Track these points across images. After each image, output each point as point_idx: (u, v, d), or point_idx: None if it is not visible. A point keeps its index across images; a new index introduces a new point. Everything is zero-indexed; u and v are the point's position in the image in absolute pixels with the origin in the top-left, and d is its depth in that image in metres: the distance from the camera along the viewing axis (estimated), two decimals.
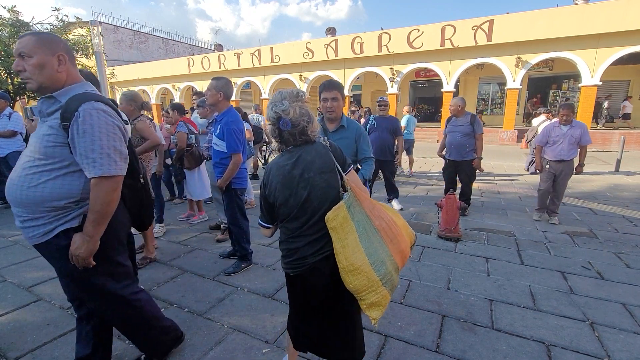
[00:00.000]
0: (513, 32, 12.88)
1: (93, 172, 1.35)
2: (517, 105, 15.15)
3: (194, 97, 5.39)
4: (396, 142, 4.81)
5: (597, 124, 15.28)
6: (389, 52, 15.27)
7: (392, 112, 13.02)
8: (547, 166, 4.28)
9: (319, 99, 2.42)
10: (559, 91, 17.16)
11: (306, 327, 1.50)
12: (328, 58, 16.70)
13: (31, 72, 1.36)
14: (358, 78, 17.79)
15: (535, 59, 13.15)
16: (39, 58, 1.35)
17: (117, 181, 1.41)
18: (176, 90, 22.49)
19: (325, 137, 1.49)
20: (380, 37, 15.30)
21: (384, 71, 16.02)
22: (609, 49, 11.96)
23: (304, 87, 17.97)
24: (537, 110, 10.01)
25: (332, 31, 18.44)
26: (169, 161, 4.77)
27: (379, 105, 4.82)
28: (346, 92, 17.22)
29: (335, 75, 17.20)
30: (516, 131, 13.94)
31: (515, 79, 13.63)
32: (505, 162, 9.18)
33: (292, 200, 1.35)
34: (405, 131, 6.73)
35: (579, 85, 13.01)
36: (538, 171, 4.45)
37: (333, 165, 1.37)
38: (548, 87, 17.36)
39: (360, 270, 1.26)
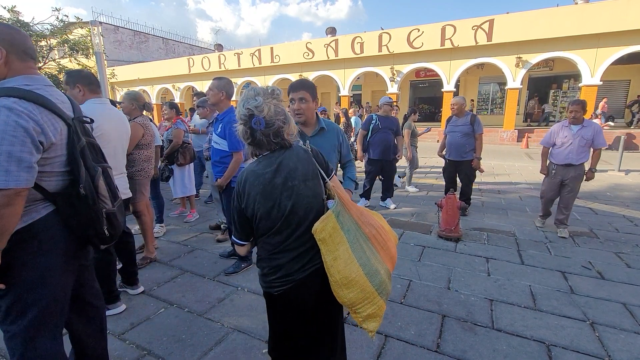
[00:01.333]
0: (513, 31, 12.87)
1: None
2: (518, 105, 15.15)
3: (194, 97, 5.39)
4: (397, 142, 4.82)
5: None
6: (389, 52, 15.27)
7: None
8: (554, 171, 3.82)
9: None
10: (559, 91, 17.14)
11: (291, 348, 1.38)
12: (328, 58, 16.70)
13: None
14: (358, 78, 17.79)
15: (535, 58, 13.14)
16: None
17: (8, 195, 1.13)
18: (176, 90, 22.50)
19: (307, 142, 1.39)
20: (380, 37, 15.29)
21: (384, 71, 16.01)
22: (609, 49, 11.94)
23: None
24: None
25: (332, 31, 18.44)
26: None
27: (391, 106, 4.82)
28: (346, 92, 17.25)
29: (335, 75, 17.21)
30: (516, 131, 13.93)
31: (515, 79, 13.62)
32: (506, 162, 9.17)
33: (275, 212, 1.22)
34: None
35: (580, 85, 13.00)
36: (543, 174, 4.02)
37: (316, 172, 1.28)
38: (548, 86, 17.35)
39: (355, 283, 1.18)
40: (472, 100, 18.54)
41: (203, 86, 19.81)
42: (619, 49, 11.83)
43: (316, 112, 2.17)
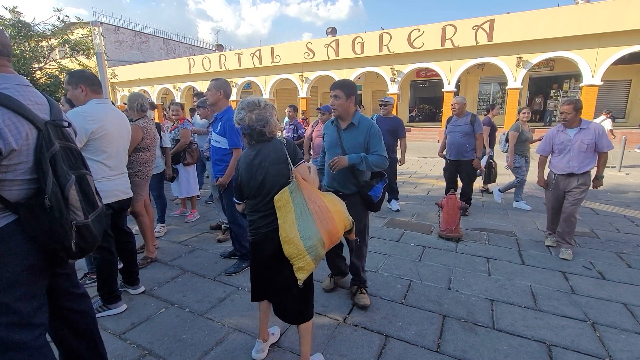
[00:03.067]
0: (514, 31, 12.86)
1: None
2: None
3: (195, 98, 5.40)
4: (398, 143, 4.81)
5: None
6: (389, 52, 15.26)
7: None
8: (554, 181, 3.40)
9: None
10: (560, 91, 17.11)
11: (260, 282, 1.84)
12: (329, 58, 16.70)
13: None
14: (359, 78, 17.79)
15: (536, 58, 13.13)
16: None
17: None
18: (177, 90, 22.52)
19: (283, 137, 1.80)
20: (380, 37, 15.29)
21: (384, 71, 16.01)
22: (610, 49, 11.93)
23: (304, 87, 17.99)
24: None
25: (332, 31, 18.43)
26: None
27: (380, 105, 4.81)
28: None
29: (336, 75, 17.19)
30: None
31: (516, 79, 13.61)
32: (505, 162, 9.14)
33: (252, 182, 1.72)
34: None
35: (580, 85, 12.99)
36: (542, 187, 3.61)
37: (285, 158, 1.71)
38: (549, 86, 17.34)
39: (292, 242, 1.59)
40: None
41: (203, 86, 19.80)
42: (619, 49, 11.81)
43: (356, 108, 2.41)
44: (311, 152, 4.99)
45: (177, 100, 22.23)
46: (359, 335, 2.13)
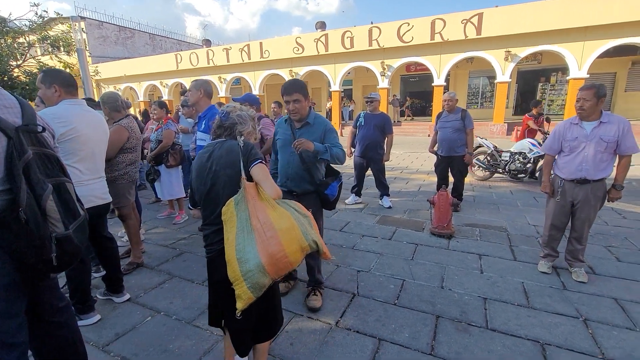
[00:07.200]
0: (502, 25, 12.91)
1: None
2: (507, 99, 15.26)
3: (182, 95, 5.25)
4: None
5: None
6: (379, 46, 15.19)
7: (383, 108, 12.99)
8: (560, 189, 2.76)
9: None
10: (547, 84, 17.30)
11: (221, 304, 1.59)
12: (318, 53, 16.54)
13: None
14: (349, 73, 17.68)
15: (524, 52, 13.23)
16: None
17: None
18: (164, 87, 22.08)
19: (241, 138, 1.56)
20: (370, 31, 15.19)
21: (374, 66, 15.94)
22: (595, 42, 12.07)
23: None
24: None
25: (322, 25, 18.27)
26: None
27: (366, 102, 4.76)
28: (337, 87, 17.13)
29: (326, 70, 17.06)
30: (506, 124, 14.04)
31: (504, 73, 13.69)
32: None
33: (202, 187, 1.54)
34: None
35: (567, 78, 13.14)
36: (546, 193, 2.92)
37: (238, 163, 1.47)
38: (537, 80, 17.49)
39: (230, 263, 1.36)
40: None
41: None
42: (605, 42, 11.97)
43: (309, 107, 2.36)
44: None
45: (165, 97, 21.83)
46: (351, 340, 2.08)
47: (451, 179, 4.72)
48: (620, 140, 2.49)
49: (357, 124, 4.75)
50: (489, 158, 6.44)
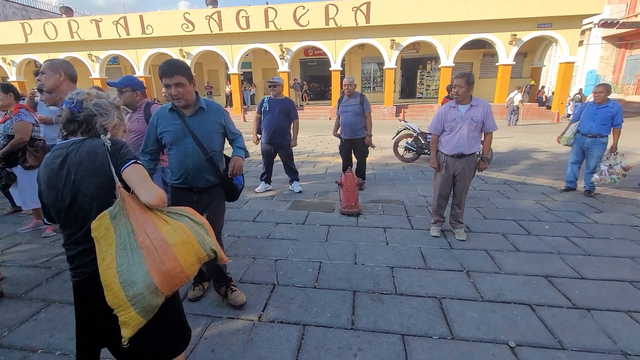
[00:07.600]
0: (387, 15, 14.15)
1: None
2: (394, 84, 16.99)
3: (37, 78, 4.16)
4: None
5: None
6: (276, 28, 14.93)
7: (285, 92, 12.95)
8: (444, 163, 3.22)
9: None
10: (424, 71, 19.88)
11: (95, 336, 1.35)
12: (211, 32, 15.34)
13: None
14: (247, 55, 16.96)
15: (405, 41, 14.85)
16: None
17: None
18: (10, 65, 17.43)
19: (107, 136, 1.26)
20: (266, 11, 14.76)
21: (273, 48, 15.65)
22: (458, 35, 14.36)
23: (187, 64, 16.19)
24: None
25: (212, 2, 16.87)
26: None
27: (269, 86, 4.63)
28: (235, 70, 16.30)
29: (222, 51, 16.00)
30: (395, 107, 15.68)
31: (391, 60, 15.15)
32: (389, 136, 10.21)
33: (58, 203, 1.24)
34: None
35: (439, 66, 15.32)
36: (434, 168, 3.35)
37: (106, 168, 1.21)
38: (416, 67, 19.91)
39: (110, 288, 1.15)
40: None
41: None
42: (465, 36, 14.34)
43: (195, 92, 2.08)
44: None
45: (13, 78, 17.31)
46: (276, 332, 2.06)
47: (354, 159, 5.03)
48: (485, 120, 3.06)
49: (262, 110, 4.59)
50: (414, 141, 6.75)
